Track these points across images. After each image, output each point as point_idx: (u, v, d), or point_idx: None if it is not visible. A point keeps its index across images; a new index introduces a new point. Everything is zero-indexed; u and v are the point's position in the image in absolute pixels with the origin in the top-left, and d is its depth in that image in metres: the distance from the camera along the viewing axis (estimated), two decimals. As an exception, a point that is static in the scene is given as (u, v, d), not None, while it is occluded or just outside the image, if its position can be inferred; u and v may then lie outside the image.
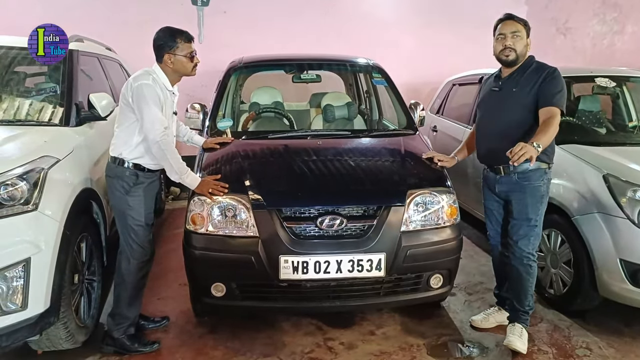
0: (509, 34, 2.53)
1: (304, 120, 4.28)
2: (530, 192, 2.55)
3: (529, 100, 2.51)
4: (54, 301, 2.23)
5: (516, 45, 2.53)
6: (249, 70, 4.11)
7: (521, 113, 2.53)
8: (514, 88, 2.56)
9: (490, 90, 2.71)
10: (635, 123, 3.78)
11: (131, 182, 2.52)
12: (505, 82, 2.62)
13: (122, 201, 2.52)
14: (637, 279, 2.65)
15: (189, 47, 2.54)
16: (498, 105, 2.63)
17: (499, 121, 2.61)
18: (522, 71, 2.58)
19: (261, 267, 2.47)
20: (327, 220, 2.52)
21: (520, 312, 2.70)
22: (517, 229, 2.61)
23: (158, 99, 2.45)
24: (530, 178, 2.55)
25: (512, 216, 2.63)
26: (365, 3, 6.20)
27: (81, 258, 2.64)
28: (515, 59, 2.55)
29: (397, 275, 2.59)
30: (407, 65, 6.18)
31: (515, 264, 2.65)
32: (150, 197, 2.62)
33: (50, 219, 2.23)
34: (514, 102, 2.55)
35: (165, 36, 2.52)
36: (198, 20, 5.84)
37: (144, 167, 2.54)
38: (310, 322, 2.93)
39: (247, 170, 2.77)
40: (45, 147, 2.45)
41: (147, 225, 2.59)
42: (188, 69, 2.56)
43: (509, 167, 2.56)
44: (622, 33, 6.74)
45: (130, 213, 2.52)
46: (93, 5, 5.34)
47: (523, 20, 2.58)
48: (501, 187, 2.65)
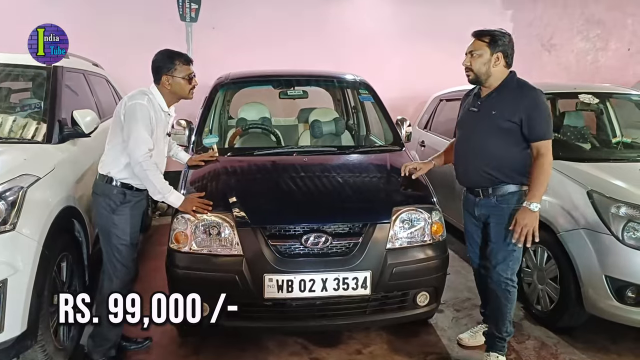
0: (468, 54, 2.47)
1: (292, 136, 4.27)
2: (509, 215, 2.45)
3: (508, 124, 2.40)
4: (31, 323, 2.17)
5: (473, 65, 2.43)
6: (236, 86, 4.12)
7: (499, 136, 2.44)
8: (493, 110, 2.45)
9: (469, 110, 2.60)
10: (619, 139, 3.81)
11: (118, 201, 2.49)
12: (484, 102, 2.51)
13: (108, 220, 2.49)
14: (623, 295, 2.65)
15: (188, 69, 2.55)
16: (475, 127, 2.53)
17: (476, 143, 2.52)
18: (501, 91, 2.47)
19: (245, 286, 2.44)
20: (312, 238, 2.49)
21: (497, 338, 2.62)
22: (496, 253, 2.52)
23: (149, 120, 2.45)
24: (510, 200, 2.47)
25: (491, 239, 2.54)
26: (354, 19, 6.26)
27: (61, 278, 2.58)
28: (475, 78, 2.47)
29: (383, 293, 2.57)
30: (395, 81, 6.23)
31: (493, 288, 2.56)
32: (136, 216, 2.59)
33: (28, 238, 2.18)
34: (492, 125, 2.45)
35: (163, 58, 2.54)
36: (186, 36, 5.85)
37: (132, 186, 2.51)
38: (296, 341, 2.89)
39: (232, 187, 2.75)
40: (25, 165, 2.41)
41: (131, 245, 2.56)
42: (185, 91, 2.57)
43: (488, 190, 2.50)
44: (605, 50, 6.87)
45: (116, 232, 2.49)
46: (80, 21, 5.32)
47: (491, 34, 2.42)
48: (480, 209, 2.58)
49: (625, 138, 3.82)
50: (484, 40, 2.43)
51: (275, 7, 6.01)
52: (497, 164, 2.45)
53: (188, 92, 2.58)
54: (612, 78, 6.29)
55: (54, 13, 5.16)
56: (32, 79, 3.47)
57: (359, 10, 6.27)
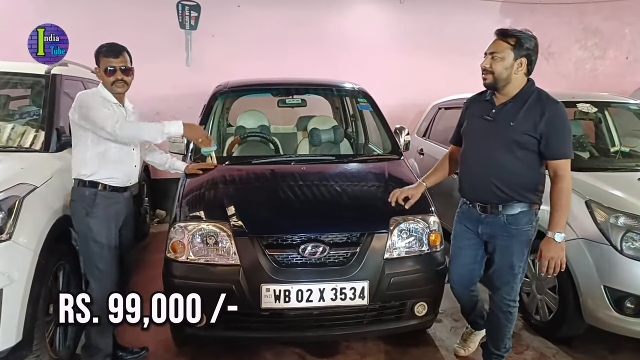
0: (488, 54, 2.24)
1: (291, 144, 4.27)
2: (517, 238, 2.29)
3: (526, 139, 2.20)
4: (26, 334, 2.17)
5: (493, 67, 2.21)
6: (234, 94, 4.12)
7: (515, 150, 2.23)
8: (512, 122, 2.22)
9: (482, 119, 2.33)
10: (617, 148, 3.81)
11: (91, 203, 2.45)
12: (500, 111, 2.28)
13: (83, 224, 2.46)
14: (622, 306, 2.63)
15: (107, 61, 2.46)
16: (488, 138, 2.30)
17: (488, 155, 2.29)
18: (520, 101, 2.24)
19: (242, 296, 2.42)
20: (310, 247, 2.48)
21: (494, 355, 2.53)
22: (499, 275, 2.37)
23: (102, 103, 2.44)
24: (520, 222, 2.29)
25: (494, 262, 2.38)
26: (353, 28, 6.27)
27: (58, 287, 2.57)
28: (492, 83, 2.24)
29: (380, 304, 2.55)
30: (394, 89, 6.23)
31: (495, 310, 2.44)
32: (113, 217, 2.52)
33: (24, 248, 2.18)
34: (508, 137, 2.22)
35: (95, 53, 2.52)
36: (186, 43, 5.86)
37: (105, 185, 2.47)
38: (293, 351, 2.87)
39: (230, 196, 2.74)
40: (22, 174, 2.41)
41: (110, 247, 2.50)
42: (107, 84, 2.49)
43: (497, 207, 2.29)
44: (603, 58, 6.88)
45: (92, 235, 2.45)
46: (80, 29, 5.33)
47: (517, 36, 2.18)
48: (485, 228, 2.37)
49: (624, 147, 3.81)
50: (509, 41, 2.19)
51: (275, 15, 6.02)
52: (510, 180, 2.26)
53: (110, 85, 2.47)
54: (610, 86, 6.28)
55: (54, 20, 5.20)
56: (30, 86, 3.48)
57: (359, 20, 6.29)
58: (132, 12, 5.62)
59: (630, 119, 4.19)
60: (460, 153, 2.52)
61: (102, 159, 2.45)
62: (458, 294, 2.67)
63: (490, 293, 2.49)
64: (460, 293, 2.66)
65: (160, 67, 5.71)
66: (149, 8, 5.69)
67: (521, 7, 6.52)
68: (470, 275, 2.57)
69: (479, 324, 2.81)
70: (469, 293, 2.64)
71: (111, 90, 2.50)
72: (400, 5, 6.32)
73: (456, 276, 2.59)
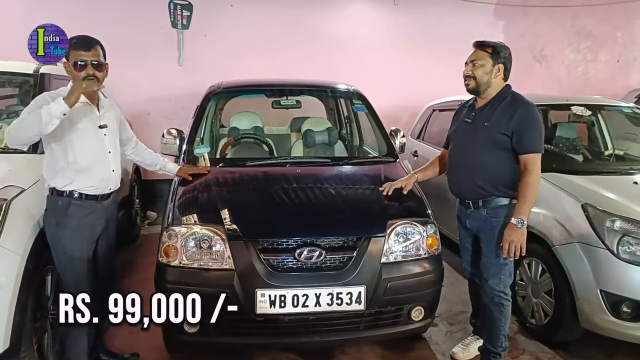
0: (469, 62, 2.49)
1: (285, 145, 4.23)
2: (500, 229, 2.45)
3: (500, 137, 2.42)
4: (14, 341, 2.10)
5: (475, 73, 2.45)
6: (228, 95, 4.07)
7: (491, 149, 2.45)
8: (486, 122, 2.46)
9: (463, 121, 2.62)
10: (611, 151, 3.82)
11: (62, 213, 2.30)
12: (478, 114, 2.53)
13: (53, 235, 2.32)
14: (618, 310, 2.62)
15: (77, 54, 2.22)
16: (469, 138, 2.55)
17: (468, 155, 2.53)
18: (495, 104, 2.48)
19: (237, 302, 2.37)
20: (306, 252, 2.44)
21: (492, 353, 2.61)
22: (488, 266, 2.53)
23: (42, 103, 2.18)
24: (500, 214, 2.47)
25: (483, 253, 2.55)
26: (348, 28, 6.25)
27: (46, 292, 2.50)
28: (475, 87, 2.48)
29: (377, 309, 2.52)
30: (388, 90, 6.22)
31: (487, 302, 2.57)
32: (85, 230, 2.36)
33: (11, 253, 2.12)
34: (485, 137, 2.46)
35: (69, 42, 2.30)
36: (178, 43, 5.80)
37: (81, 194, 2.31)
38: (288, 356, 2.82)
39: (224, 199, 2.69)
40: (9, 176, 2.35)
41: (83, 260, 2.36)
42: (77, 79, 2.22)
43: (478, 202, 2.51)
44: (595, 61, 6.93)
45: (62, 247, 2.31)
46: (71, 28, 5.25)
47: (493, 46, 2.45)
48: (472, 222, 2.59)
49: (617, 150, 3.82)
50: (487, 50, 2.46)
51: (269, 15, 5.98)
52: (488, 177, 2.47)
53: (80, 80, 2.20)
54: (602, 89, 6.34)
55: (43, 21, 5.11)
56: (19, 85, 3.41)
57: (354, 20, 6.26)
58: (123, 10, 5.55)
59: (622, 122, 4.21)
60: (448, 154, 2.76)
61: (73, 168, 2.28)
62: (472, 289, 2.84)
63: (482, 289, 2.61)
64: (473, 288, 2.81)
65: (152, 67, 5.66)
66: (140, 7, 5.62)
67: (514, 10, 6.54)
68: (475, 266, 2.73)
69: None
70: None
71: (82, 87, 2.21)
72: (394, 6, 6.32)
73: (469, 268, 2.78)
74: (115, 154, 2.48)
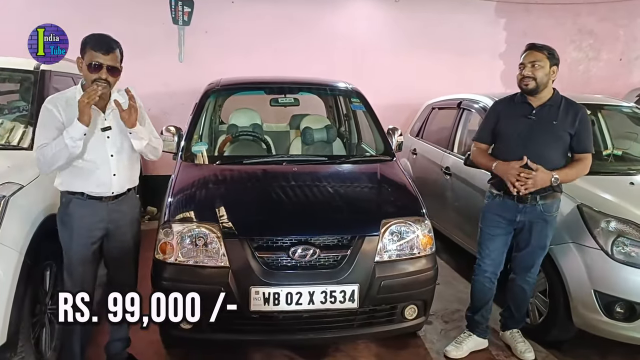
0: (528, 63, 2.58)
1: (284, 142, 4.24)
2: (550, 223, 2.67)
3: (566, 136, 2.60)
4: (11, 335, 2.13)
5: (536, 74, 2.56)
6: (226, 92, 4.09)
7: (556, 145, 2.61)
8: (554, 120, 2.60)
9: (525, 118, 2.65)
10: (610, 151, 3.81)
11: (64, 210, 2.33)
12: (540, 112, 2.64)
13: (59, 231, 2.35)
14: (612, 310, 2.64)
15: (94, 55, 2.17)
16: (533, 135, 2.62)
17: (533, 150, 2.58)
18: (555, 104, 2.64)
19: (231, 299, 2.39)
20: (300, 250, 2.46)
21: (519, 322, 2.95)
22: (532, 257, 2.73)
23: (52, 121, 2.23)
24: (552, 209, 2.66)
25: (529, 245, 2.70)
26: (348, 26, 6.24)
27: (44, 287, 2.53)
28: (535, 88, 2.59)
29: (371, 307, 2.54)
30: (388, 88, 6.23)
31: (524, 287, 2.80)
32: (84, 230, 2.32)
33: (8, 248, 2.14)
34: (553, 134, 2.60)
35: (82, 42, 2.25)
36: (179, 39, 5.81)
37: (82, 193, 2.30)
38: (282, 353, 2.85)
39: (220, 197, 2.71)
40: (8, 173, 2.37)
41: (84, 263, 2.35)
42: (88, 80, 2.21)
43: (536, 197, 2.61)
44: (597, 60, 6.90)
45: (63, 244, 2.34)
46: (71, 24, 5.26)
47: (547, 48, 2.61)
48: (524, 216, 2.66)
49: (616, 150, 3.81)
50: (544, 52, 2.59)
51: (269, 12, 5.98)
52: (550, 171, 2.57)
53: (91, 82, 2.18)
54: (603, 88, 6.30)
55: (44, 16, 5.11)
56: (20, 82, 3.43)
57: (354, 18, 6.26)
58: (124, 5, 5.56)
59: (623, 122, 4.20)
60: (498, 150, 2.78)
61: (72, 171, 2.29)
62: (480, 285, 2.86)
63: (514, 275, 2.82)
64: (482, 283, 2.84)
65: (153, 63, 5.67)
66: (141, 2, 5.63)
67: (516, 7, 6.51)
68: (500, 260, 2.82)
69: (480, 329, 2.88)
70: (491, 284, 2.83)
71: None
72: (395, 4, 6.30)
73: (488, 261, 2.81)
74: (120, 157, 2.35)
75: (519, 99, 2.73)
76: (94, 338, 2.77)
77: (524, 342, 2.93)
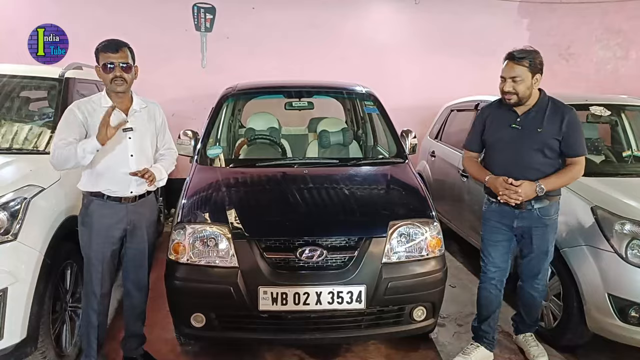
0: (509, 78, 2.51)
1: (301, 145, 4.29)
2: (550, 227, 2.64)
3: (553, 142, 2.54)
4: (31, 331, 2.25)
5: (517, 89, 2.51)
6: (243, 97, 4.16)
7: (543, 153, 2.55)
8: (539, 128, 2.54)
9: (509, 127, 2.61)
10: (629, 153, 3.71)
11: (84, 210, 2.43)
12: (524, 119, 2.58)
13: (79, 231, 2.46)
14: (626, 314, 2.58)
15: (106, 56, 2.32)
16: (520, 144, 2.57)
17: (521, 160, 2.56)
18: (541, 109, 2.57)
19: (240, 298, 2.46)
20: (307, 251, 2.51)
21: (532, 326, 2.92)
22: (537, 263, 2.69)
23: (75, 121, 2.35)
24: (550, 212, 2.62)
25: (532, 251, 2.67)
26: (368, 29, 6.27)
27: (65, 286, 2.65)
28: (517, 102, 2.55)
29: (378, 308, 2.56)
30: (409, 90, 6.23)
31: (533, 294, 2.77)
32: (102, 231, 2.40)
33: (29, 248, 2.26)
34: (538, 142, 2.54)
35: (94, 51, 2.39)
36: (201, 45, 5.97)
37: (103, 194, 2.41)
38: (293, 352, 2.90)
39: (231, 199, 2.79)
40: (30, 176, 2.49)
41: (98, 260, 2.42)
42: (106, 82, 2.36)
43: (531, 203, 2.57)
44: (626, 58, 6.69)
45: (82, 244, 2.44)
46: (97, 32, 5.47)
47: (528, 57, 2.48)
48: (521, 222, 2.63)
49: (636, 152, 3.70)
50: (524, 64, 2.49)
51: (290, 17, 6.07)
52: (541, 179, 2.53)
53: (109, 82, 2.33)
54: (633, 88, 6.10)
55: (70, 24, 5.33)
56: (47, 89, 3.60)
57: (374, 21, 6.28)
58: (148, 14, 5.75)
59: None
60: (487, 158, 2.76)
61: (93, 171, 2.40)
62: (486, 292, 2.79)
63: (522, 282, 2.80)
64: (488, 290, 2.78)
65: (176, 69, 5.85)
66: (165, 10, 5.81)
67: (540, 7, 6.40)
68: (505, 267, 2.77)
69: (487, 339, 2.82)
70: (497, 291, 2.77)
71: (111, 88, 2.37)
72: (415, 5, 6.29)
73: (493, 268, 2.76)
74: (140, 157, 2.45)
75: (506, 105, 2.64)
76: (111, 334, 2.88)
77: (537, 346, 2.89)
